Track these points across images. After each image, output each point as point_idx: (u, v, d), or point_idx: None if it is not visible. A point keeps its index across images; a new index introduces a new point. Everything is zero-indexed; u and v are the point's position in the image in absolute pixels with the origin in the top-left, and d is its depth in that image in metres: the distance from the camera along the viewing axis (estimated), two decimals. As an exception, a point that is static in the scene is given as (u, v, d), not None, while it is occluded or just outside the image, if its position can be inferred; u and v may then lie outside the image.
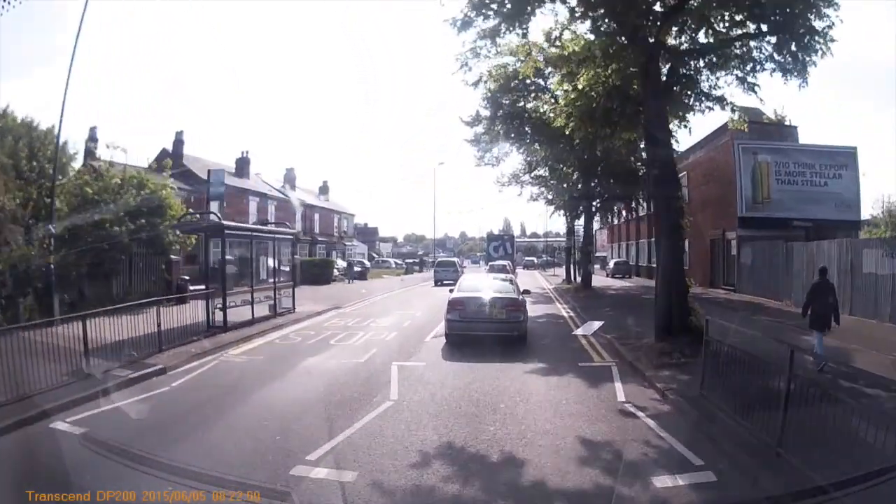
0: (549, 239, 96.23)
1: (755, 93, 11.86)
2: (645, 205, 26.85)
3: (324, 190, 54.99)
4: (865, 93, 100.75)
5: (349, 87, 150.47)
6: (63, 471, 4.61)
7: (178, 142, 37.67)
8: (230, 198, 37.73)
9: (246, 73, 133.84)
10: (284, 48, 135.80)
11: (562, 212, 30.65)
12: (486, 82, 18.66)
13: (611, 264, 40.03)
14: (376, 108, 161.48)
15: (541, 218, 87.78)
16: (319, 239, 47.82)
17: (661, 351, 9.35)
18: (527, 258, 75.63)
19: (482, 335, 10.76)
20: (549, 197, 31.29)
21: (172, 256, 21.05)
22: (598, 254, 46.99)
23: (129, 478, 4.48)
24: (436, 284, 30.52)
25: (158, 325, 10.61)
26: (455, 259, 45.15)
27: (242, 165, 42.28)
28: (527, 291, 13.66)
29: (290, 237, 17.65)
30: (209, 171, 19.61)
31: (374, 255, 74.97)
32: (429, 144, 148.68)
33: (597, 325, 13.28)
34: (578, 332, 12.42)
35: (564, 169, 23.21)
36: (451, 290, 12.59)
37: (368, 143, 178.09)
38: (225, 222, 14.26)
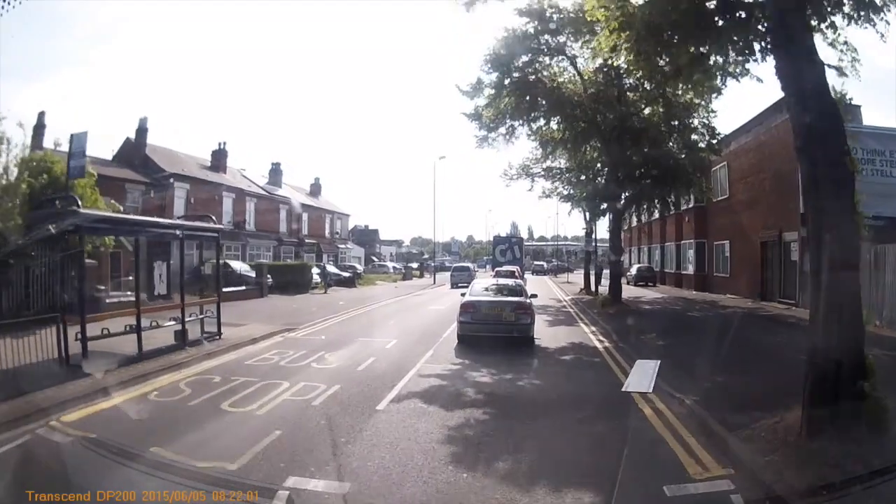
0: (559, 243, 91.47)
1: (874, 18, 7.13)
2: (672, 204, 21.95)
3: (316, 188, 50.56)
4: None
5: (344, 81, 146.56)
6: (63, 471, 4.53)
7: (142, 130, 33.44)
8: (200, 193, 33.40)
9: (234, 63, 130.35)
10: (274, 36, 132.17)
11: (580, 209, 25.96)
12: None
13: (633, 270, 35.08)
14: (375, 102, 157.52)
15: (550, 221, 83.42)
16: (307, 241, 43.34)
17: (824, 456, 4.66)
18: (536, 263, 70.79)
19: (492, 336, 11.20)
20: (566, 192, 26.62)
21: (88, 261, 16.49)
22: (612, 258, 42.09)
23: (130, 477, 4.41)
24: (452, 287, 31.22)
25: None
26: (470, 264, 49.46)
27: (219, 158, 38.05)
28: (534, 295, 13.78)
29: (214, 234, 13.04)
30: (71, 135, 14.97)
31: (374, 258, 70.66)
32: (430, 139, 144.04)
33: (651, 368, 8.62)
34: (631, 387, 7.69)
35: (588, 153, 18.56)
36: (462, 294, 12.91)
37: (367, 139, 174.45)
38: (85, 211, 9.70)
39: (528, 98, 17.64)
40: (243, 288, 23.84)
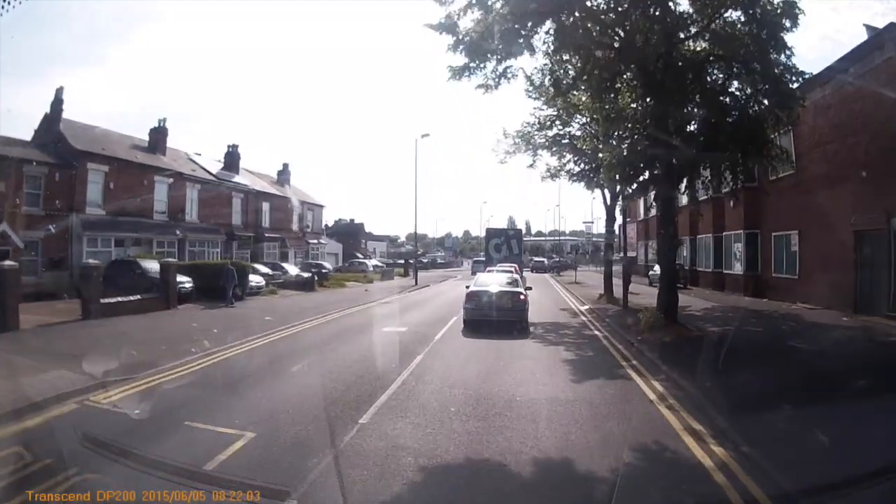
0: (559, 237, 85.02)
1: None
2: (742, 174, 15.06)
3: (284, 175, 44.03)
4: None
5: (333, 68, 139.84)
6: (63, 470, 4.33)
7: (57, 101, 27.02)
8: (122, 177, 26.89)
9: (199, 35, 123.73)
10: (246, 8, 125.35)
11: (602, 185, 19.70)
12: None
13: (657, 269, 28.59)
14: (370, 92, 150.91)
15: (549, 213, 76.76)
16: (268, 235, 36.88)
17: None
18: (535, 259, 64.29)
19: (493, 321, 12.46)
20: (578, 168, 20.40)
21: None
22: (625, 254, 35.85)
23: (130, 478, 4.31)
24: (473, 275, 29.86)
25: None
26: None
27: (157, 138, 31.54)
28: (529, 288, 15.93)
29: None
30: None
31: (359, 255, 64.16)
32: (429, 130, 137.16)
33: None
34: None
35: (622, 96, 12.21)
36: (467, 287, 14.27)
37: (363, 131, 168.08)
38: None
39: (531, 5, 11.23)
40: (138, 297, 17.46)
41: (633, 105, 12.31)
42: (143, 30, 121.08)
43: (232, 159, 37.48)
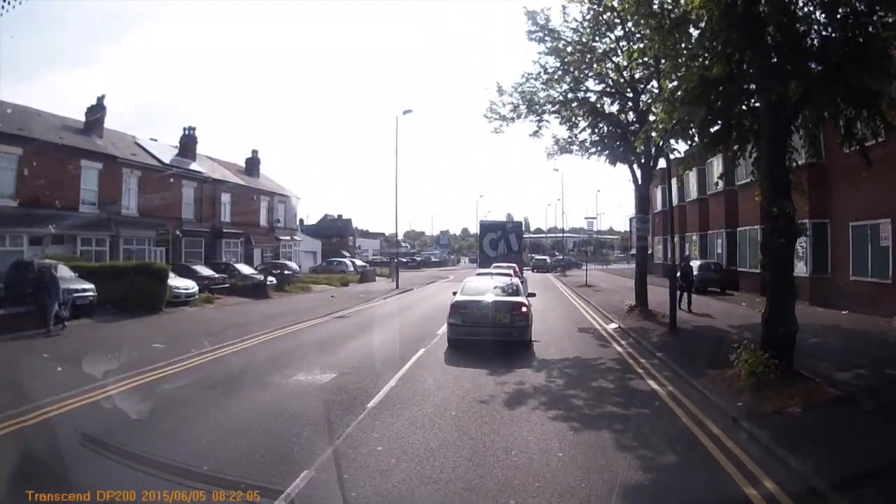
0: (563, 234, 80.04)
1: None
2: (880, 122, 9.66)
3: (253, 163, 38.98)
4: None
5: (324, 59, 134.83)
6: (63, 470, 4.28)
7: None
8: (42, 162, 21.91)
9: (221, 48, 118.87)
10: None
11: (627, 161, 14.91)
12: None
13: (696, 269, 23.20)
14: (367, 89, 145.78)
15: (549, 209, 71.74)
16: (228, 231, 31.95)
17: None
18: (537, 257, 59.32)
19: (485, 340, 10.03)
20: (594, 137, 15.67)
21: None
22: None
23: (129, 478, 4.22)
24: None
25: None
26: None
27: (94, 119, 26.58)
28: (532, 294, 13.20)
29: None
30: None
31: (345, 253, 59.40)
32: (428, 127, 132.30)
33: None
34: None
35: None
36: (454, 293, 11.71)
37: (363, 126, 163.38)
38: None
39: None
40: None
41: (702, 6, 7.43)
42: (142, 29, 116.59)
43: (187, 143, 32.49)
